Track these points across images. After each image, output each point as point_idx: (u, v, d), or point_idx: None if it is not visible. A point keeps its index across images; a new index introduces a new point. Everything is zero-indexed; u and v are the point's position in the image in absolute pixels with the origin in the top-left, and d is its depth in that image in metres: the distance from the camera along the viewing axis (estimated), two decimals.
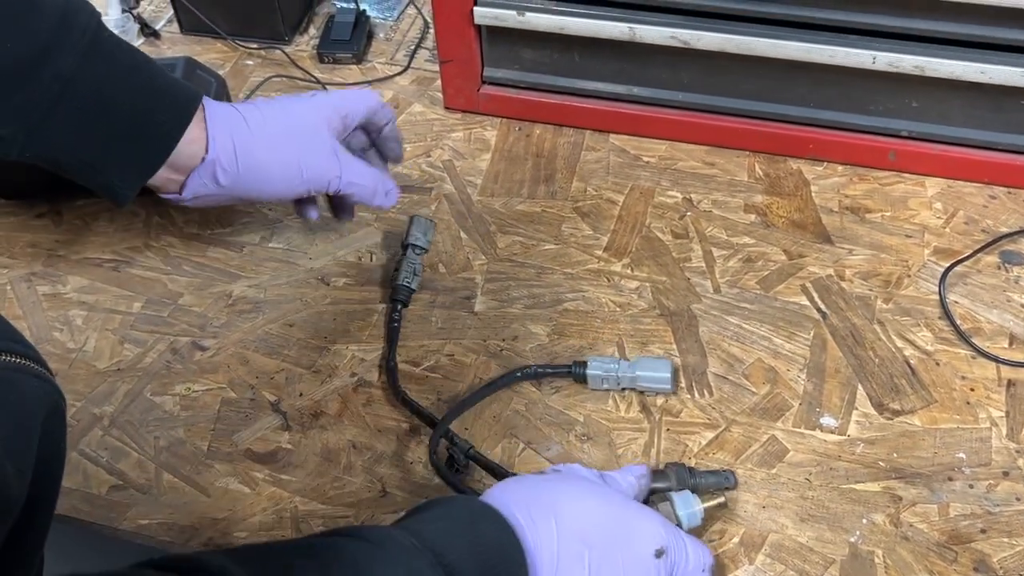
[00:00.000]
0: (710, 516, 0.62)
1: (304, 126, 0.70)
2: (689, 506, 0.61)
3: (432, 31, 0.98)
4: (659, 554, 0.55)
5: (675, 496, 0.61)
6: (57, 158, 0.63)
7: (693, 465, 0.66)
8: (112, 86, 0.62)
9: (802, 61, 0.79)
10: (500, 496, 0.55)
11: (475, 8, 0.83)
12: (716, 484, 0.64)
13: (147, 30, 1.01)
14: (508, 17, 0.82)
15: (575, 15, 0.81)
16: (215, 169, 0.67)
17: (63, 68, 0.60)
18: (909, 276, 0.77)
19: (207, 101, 0.68)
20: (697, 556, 0.57)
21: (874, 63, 0.77)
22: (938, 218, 0.81)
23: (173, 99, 0.65)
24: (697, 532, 0.62)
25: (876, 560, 0.62)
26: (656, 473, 0.64)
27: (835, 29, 0.77)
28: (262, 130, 0.69)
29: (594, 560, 0.53)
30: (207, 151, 0.66)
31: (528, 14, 0.82)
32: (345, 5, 1.01)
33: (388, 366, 0.72)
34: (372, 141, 0.78)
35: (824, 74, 0.80)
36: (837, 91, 0.81)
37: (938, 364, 0.71)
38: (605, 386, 0.70)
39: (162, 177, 0.67)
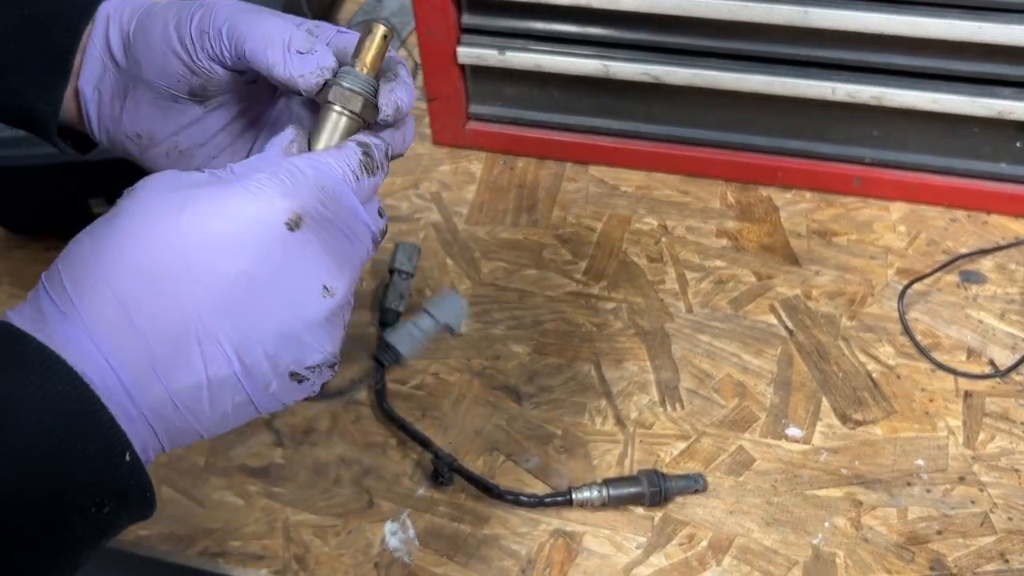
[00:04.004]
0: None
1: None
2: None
3: (421, 71, 1.03)
4: (295, 225, 0.40)
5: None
6: None
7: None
8: None
9: (766, 94, 0.83)
10: (39, 299, 0.40)
11: (458, 49, 0.88)
12: (686, 487, 0.67)
13: None
14: (490, 57, 0.88)
15: (552, 54, 0.86)
16: (108, 30, 0.51)
17: None
18: (873, 295, 0.81)
19: None
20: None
21: (833, 94, 0.81)
22: (901, 240, 0.85)
23: None
24: (670, 535, 0.66)
25: (837, 561, 0.65)
26: (629, 479, 0.68)
27: (797, 63, 0.82)
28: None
29: (233, 341, 0.39)
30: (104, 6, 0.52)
31: (508, 53, 0.87)
32: None
33: (376, 386, 0.76)
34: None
35: (789, 106, 0.84)
36: (802, 121, 0.86)
37: (899, 377, 0.75)
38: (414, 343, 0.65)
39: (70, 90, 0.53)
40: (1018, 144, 0.83)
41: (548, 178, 0.93)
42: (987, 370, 0.75)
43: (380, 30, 0.48)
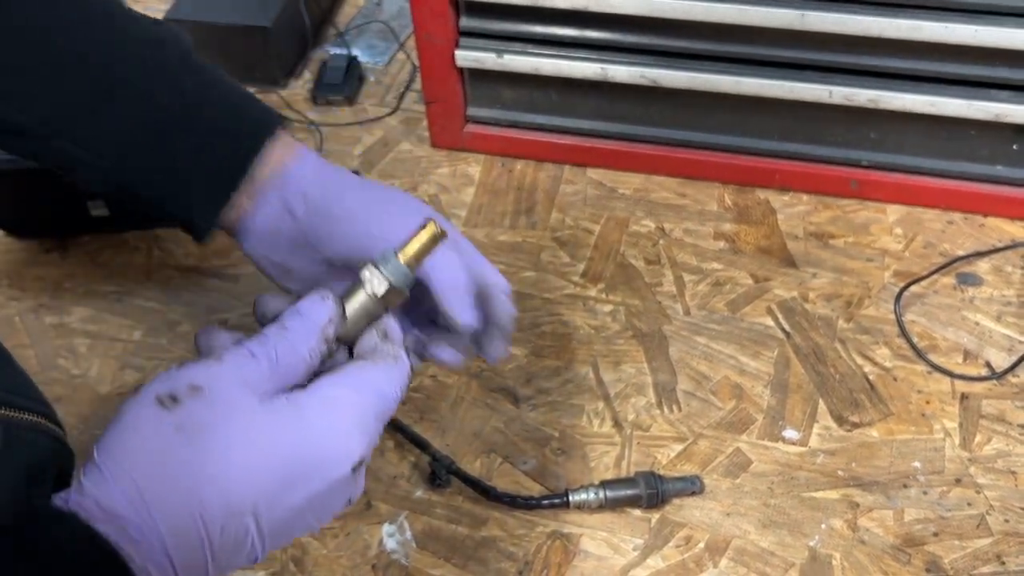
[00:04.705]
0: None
1: (394, 191, 0.60)
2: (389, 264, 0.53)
3: (419, 74, 1.04)
4: (358, 467, 0.47)
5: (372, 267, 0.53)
6: (135, 181, 0.58)
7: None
8: (193, 97, 0.58)
9: (764, 97, 0.84)
10: (101, 488, 0.42)
11: (457, 52, 0.88)
12: (683, 489, 0.67)
13: None
14: (487, 60, 0.88)
15: (550, 57, 0.86)
16: (291, 192, 0.57)
17: (138, 84, 0.56)
18: (870, 297, 0.81)
19: (289, 135, 0.61)
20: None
21: (830, 97, 0.82)
22: (898, 243, 0.85)
23: (256, 114, 0.60)
24: (667, 536, 0.66)
25: (834, 563, 0.65)
26: (626, 480, 0.68)
27: (794, 66, 0.82)
28: (347, 175, 0.60)
29: (267, 525, 0.44)
30: (287, 169, 0.58)
31: (506, 56, 0.87)
32: (338, 51, 1.07)
33: None
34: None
35: (786, 109, 0.85)
36: (799, 124, 0.86)
37: (896, 379, 0.75)
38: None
39: (236, 203, 0.58)
40: (1015, 147, 0.83)
41: (546, 181, 0.93)
42: (983, 372, 0.75)
43: (431, 230, 0.53)
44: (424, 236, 0.52)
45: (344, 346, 0.52)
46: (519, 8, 0.85)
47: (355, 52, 1.07)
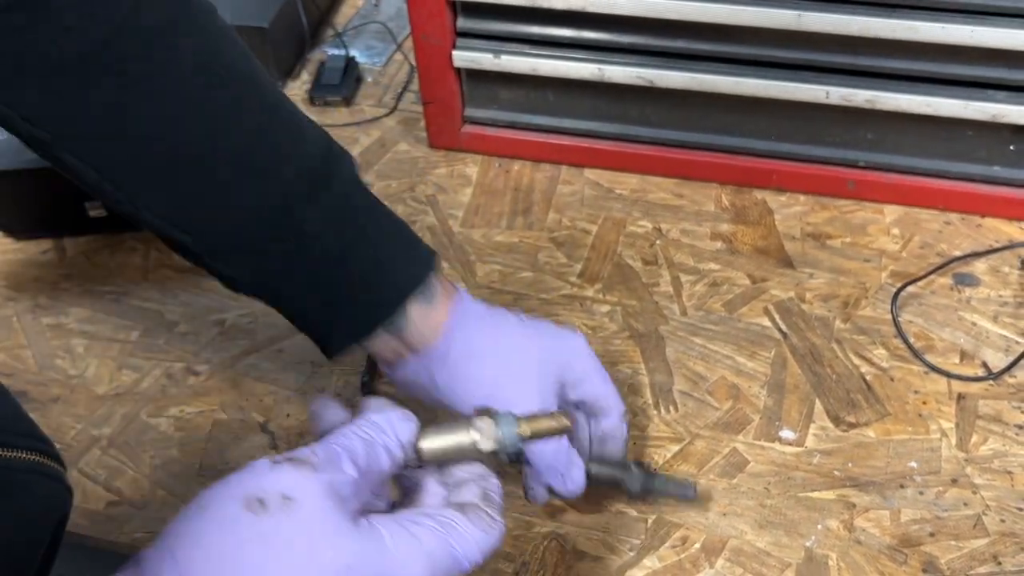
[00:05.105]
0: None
1: (533, 360, 0.61)
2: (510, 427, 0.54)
3: (417, 74, 1.04)
4: None
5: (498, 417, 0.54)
6: (278, 301, 0.62)
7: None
8: (352, 248, 0.60)
9: (761, 97, 0.84)
10: None
11: (454, 52, 0.88)
12: (675, 491, 0.66)
13: None
14: (485, 60, 0.88)
15: (547, 57, 0.87)
16: (436, 363, 0.61)
17: (308, 223, 0.58)
18: (867, 298, 0.81)
19: (446, 286, 0.63)
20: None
21: (827, 98, 0.82)
22: (895, 243, 0.85)
23: (404, 262, 0.61)
24: (664, 537, 0.66)
25: (830, 563, 0.65)
26: (618, 463, 0.65)
27: (791, 66, 0.82)
28: (499, 342, 0.62)
29: None
30: (440, 341, 0.61)
31: (503, 56, 0.87)
32: (335, 52, 1.07)
33: (367, 388, 0.76)
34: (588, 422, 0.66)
35: (783, 109, 0.85)
36: (796, 125, 0.86)
37: (892, 380, 0.75)
38: None
39: (382, 344, 0.62)
40: (1012, 147, 0.83)
41: (543, 181, 0.93)
42: (980, 372, 0.75)
43: (561, 424, 0.57)
44: (552, 425, 0.54)
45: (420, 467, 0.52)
46: (516, 9, 0.85)
47: (353, 53, 1.07)
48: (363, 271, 0.60)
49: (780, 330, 0.79)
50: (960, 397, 0.74)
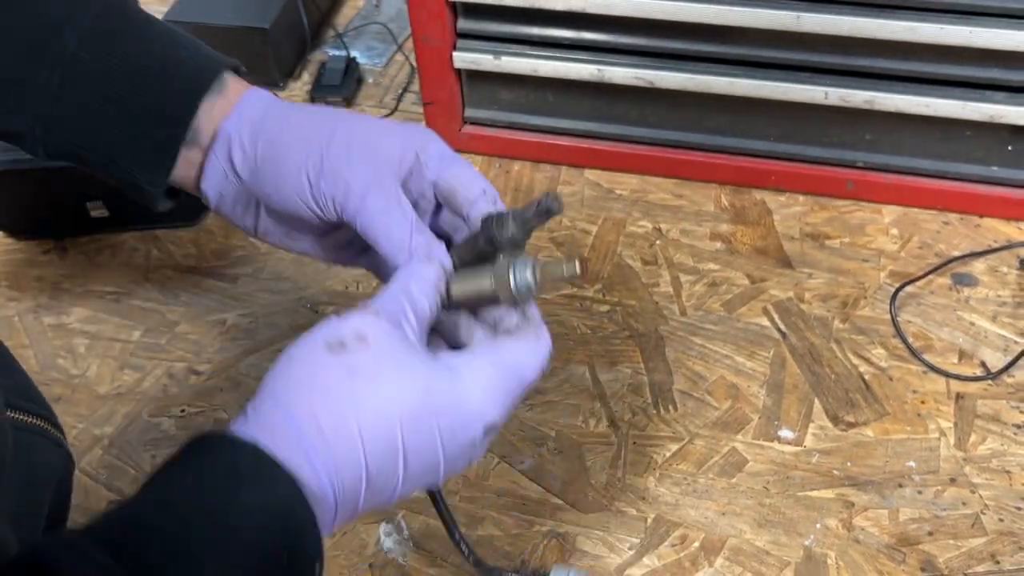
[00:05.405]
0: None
1: (351, 130, 0.55)
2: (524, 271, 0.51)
3: (417, 75, 1.04)
4: (488, 432, 0.48)
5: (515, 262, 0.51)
6: (78, 152, 0.57)
7: (658, 475, 0.70)
8: (120, 61, 0.55)
9: (760, 98, 0.84)
10: (276, 417, 0.45)
11: (454, 53, 0.88)
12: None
13: None
14: (485, 61, 0.88)
15: (547, 58, 0.87)
16: (231, 148, 0.55)
17: (66, 47, 0.54)
18: (865, 298, 0.81)
19: (241, 82, 0.58)
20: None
21: (826, 98, 0.82)
22: (894, 243, 0.85)
23: (192, 69, 0.56)
24: (663, 536, 0.66)
25: (829, 562, 0.65)
26: (495, 218, 0.52)
27: (789, 67, 0.83)
28: (296, 114, 0.56)
29: (411, 468, 0.46)
30: (227, 118, 0.56)
31: (503, 58, 0.88)
32: (336, 52, 1.07)
33: None
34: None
35: (782, 109, 0.85)
36: (795, 125, 0.87)
37: (891, 379, 0.75)
38: None
39: (184, 164, 0.57)
40: (1010, 148, 0.83)
41: (544, 181, 0.93)
42: (979, 372, 0.75)
43: (575, 271, 0.50)
44: (567, 271, 0.50)
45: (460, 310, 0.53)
46: (516, 10, 0.85)
47: (354, 53, 1.07)
48: (143, 85, 0.55)
49: (779, 330, 0.79)
50: (958, 397, 0.74)
